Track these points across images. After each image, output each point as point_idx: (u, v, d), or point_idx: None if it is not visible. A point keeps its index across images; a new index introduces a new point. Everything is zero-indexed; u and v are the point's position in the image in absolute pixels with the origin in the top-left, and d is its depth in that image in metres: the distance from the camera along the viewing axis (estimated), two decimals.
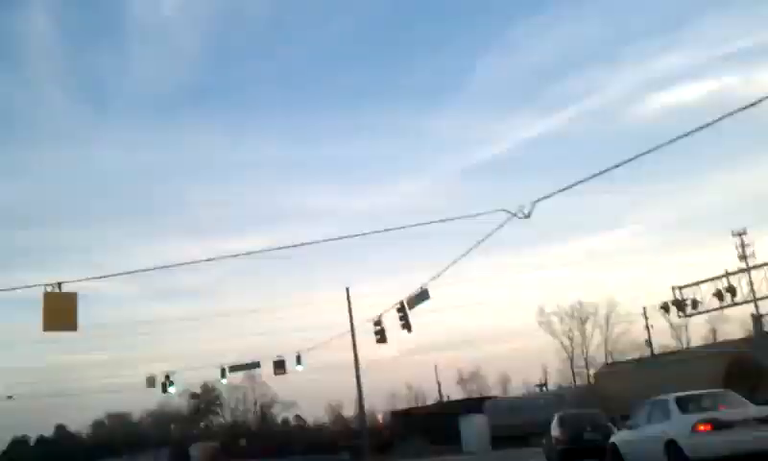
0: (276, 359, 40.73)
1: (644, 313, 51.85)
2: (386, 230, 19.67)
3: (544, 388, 61.96)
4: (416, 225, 22.82)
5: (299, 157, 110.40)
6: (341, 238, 39.02)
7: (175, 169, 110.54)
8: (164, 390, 43.55)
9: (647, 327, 52.12)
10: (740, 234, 46.61)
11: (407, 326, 28.34)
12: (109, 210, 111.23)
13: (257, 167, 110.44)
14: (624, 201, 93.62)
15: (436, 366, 70.65)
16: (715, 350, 41.13)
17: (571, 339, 70.68)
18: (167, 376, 43.03)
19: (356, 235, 29.45)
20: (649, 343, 52.71)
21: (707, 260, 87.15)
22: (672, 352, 48.23)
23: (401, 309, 28.24)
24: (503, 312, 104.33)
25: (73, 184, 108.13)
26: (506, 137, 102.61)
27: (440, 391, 67.51)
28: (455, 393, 72.65)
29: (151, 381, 42.46)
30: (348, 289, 41.57)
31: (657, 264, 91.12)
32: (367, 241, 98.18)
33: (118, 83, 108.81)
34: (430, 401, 67.33)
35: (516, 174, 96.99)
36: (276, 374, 40.95)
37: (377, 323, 31.33)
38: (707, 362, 36.60)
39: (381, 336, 31.15)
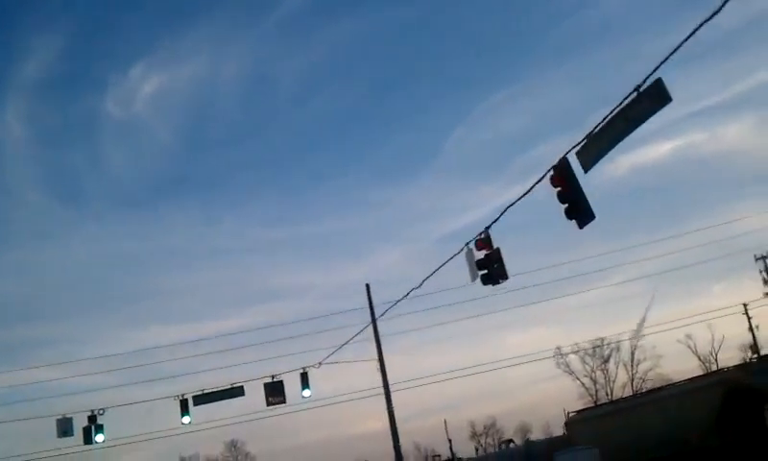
0: (269, 381, 24.87)
1: (744, 310, 40.40)
2: None
3: (512, 444, 49.66)
4: None
5: (278, 238, 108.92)
6: None
7: (153, 258, 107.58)
8: (88, 438, 25.23)
9: (751, 329, 40.62)
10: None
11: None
12: (87, 302, 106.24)
13: (237, 252, 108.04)
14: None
15: (445, 421, 57.41)
16: (712, 379, 29.72)
17: (594, 380, 60.52)
18: (92, 416, 25.11)
19: None
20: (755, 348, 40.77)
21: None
22: (657, 389, 36.54)
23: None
24: (519, 359, 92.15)
25: (50, 280, 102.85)
26: (480, 205, 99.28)
27: (451, 448, 54.20)
28: (468, 449, 61.41)
29: (65, 424, 24.44)
30: (368, 285, 28.48)
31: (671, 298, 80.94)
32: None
33: (94, 178, 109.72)
34: None
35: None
36: (270, 403, 24.98)
37: (484, 241, 15.51)
38: (701, 395, 27.21)
39: (495, 269, 15.37)
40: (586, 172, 12.64)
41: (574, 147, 12.71)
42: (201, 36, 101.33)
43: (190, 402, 25.70)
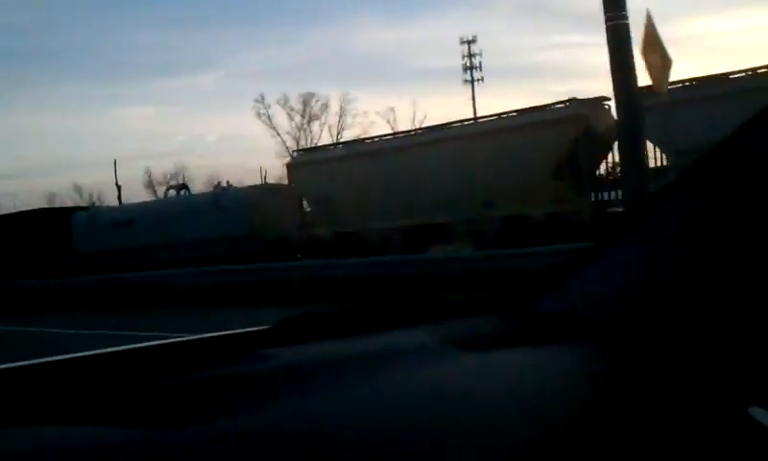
0: None
1: None
2: None
3: (185, 191, 28.60)
4: None
5: None
6: None
7: None
8: None
9: None
10: None
11: None
12: None
13: None
14: None
15: (115, 160, 45.14)
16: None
17: (297, 140, 51.66)
18: None
19: None
20: None
21: None
22: (444, 125, 21.87)
23: None
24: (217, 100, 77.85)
25: None
26: None
27: (119, 196, 41.22)
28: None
29: None
30: None
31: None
32: None
33: None
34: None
35: None
36: None
37: None
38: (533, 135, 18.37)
39: None
40: None
41: None
42: None
43: None
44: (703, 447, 0.87)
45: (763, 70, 15.11)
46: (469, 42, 49.80)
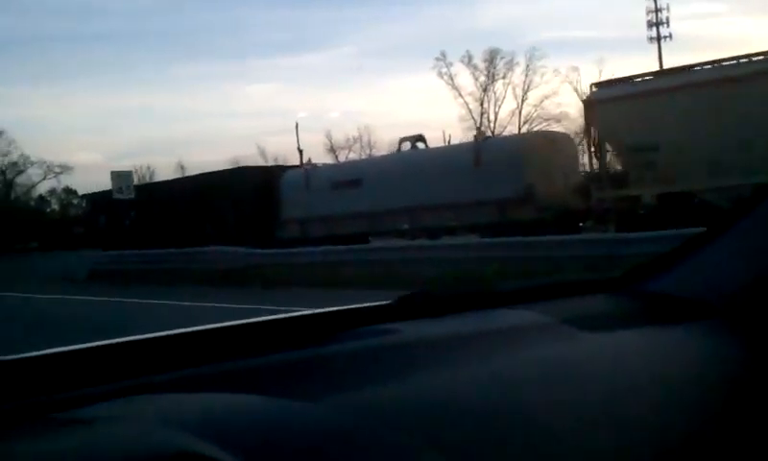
0: None
1: None
2: None
3: (421, 143, 21.61)
4: None
5: None
6: None
7: None
8: None
9: None
10: None
11: None
12: None
13: None
14: None
15: (297, 124, 43.67)
16: None
17: (481, 102, 46.17)
18: None
19: None
20: None
21: None
22: None
23: None
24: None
25: None
26: None
27: (301, 161, 36.20)
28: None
29: None
30: None
31: None
32: None
33: None
34: None
35: None
36: None
37: None
38: None
39: None
40: None
41: None
42: None
43: None
44: None
45: None
46: None
